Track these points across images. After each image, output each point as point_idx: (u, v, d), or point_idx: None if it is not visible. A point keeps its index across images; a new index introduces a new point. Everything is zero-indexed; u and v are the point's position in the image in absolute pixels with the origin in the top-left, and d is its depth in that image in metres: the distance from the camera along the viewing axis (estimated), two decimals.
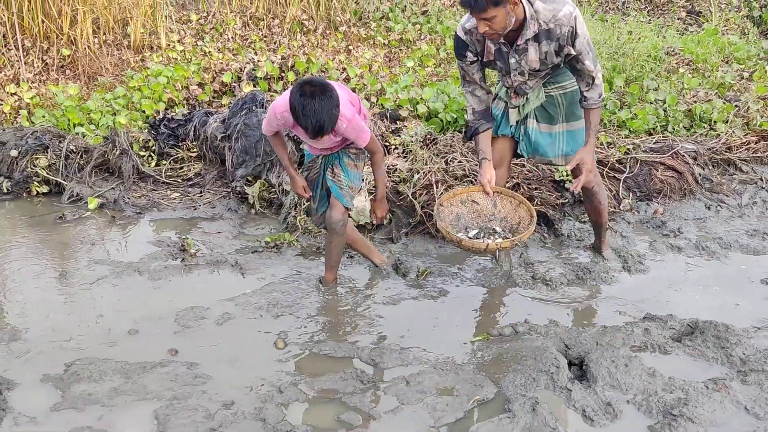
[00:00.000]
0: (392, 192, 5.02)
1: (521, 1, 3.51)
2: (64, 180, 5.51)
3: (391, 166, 5.30)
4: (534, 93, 3.95)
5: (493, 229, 4.00)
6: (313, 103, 3.36)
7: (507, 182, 4.42)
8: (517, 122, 4.07)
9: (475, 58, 3.83)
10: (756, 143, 6.01)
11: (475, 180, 4.43)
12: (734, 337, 3.59)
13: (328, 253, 4.16)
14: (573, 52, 3.66)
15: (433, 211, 4.80)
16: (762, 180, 5.74)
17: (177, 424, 3.04)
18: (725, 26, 8.76)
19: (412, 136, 5.73)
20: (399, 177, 5.15)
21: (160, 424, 3.05)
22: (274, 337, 3.72)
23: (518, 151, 4.19)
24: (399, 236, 4.83)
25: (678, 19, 9.39)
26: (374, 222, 4.24)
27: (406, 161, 5.37)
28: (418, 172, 5.08)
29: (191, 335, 3.72)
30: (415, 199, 4.90)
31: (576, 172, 4.00)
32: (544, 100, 3.99)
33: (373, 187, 5.00)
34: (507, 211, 4.01)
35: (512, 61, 3.74)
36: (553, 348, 3.54)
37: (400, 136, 5.75)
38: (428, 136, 5.77)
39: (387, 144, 5.68)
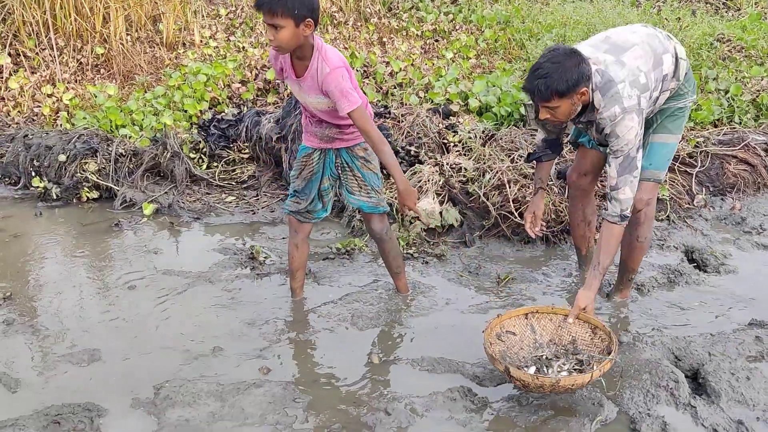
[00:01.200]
0: (462, 193, 4.82)
1: (590, 91, 3.20)
2: (115, 185, 5.32)
3: (454, 165, 5.10)
4: None
5: (546, 358, 3.26)
6: None
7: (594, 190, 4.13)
8: None
9: None
10: None
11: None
12: None
13: (387, 263, 3.94)
14: (611, 139, 3.28)
15: (508, 213, 4.63)
16: None
17: None
18: (755, 10, 8.52)
19: (470, 132, 5.53)
20: (466, 177, 4.94)
21: None
22: (366, 351, 3.54)
23: None
24: (473, 239, 4.63)
25: (707, 3, 9.17)
26: (404, 213, 3.62)
27: (469, 159, 5.17)
28: (488, 171, 4.87)
29: (279, 351, 3.54)
30: (488, 200, 4.70)
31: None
32: None
33: (441, 187, 4.85)
34: (551, 333, 3.36)
35: (577, 127, 3.63)
36: (665, 360, 3.35)
37: (457, 132, 5.55)
38: (485, 132, 5.56)
39: (445, 141, 5.48)
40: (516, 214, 4.59)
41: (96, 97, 6.35)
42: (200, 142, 5.69)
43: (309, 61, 3.24)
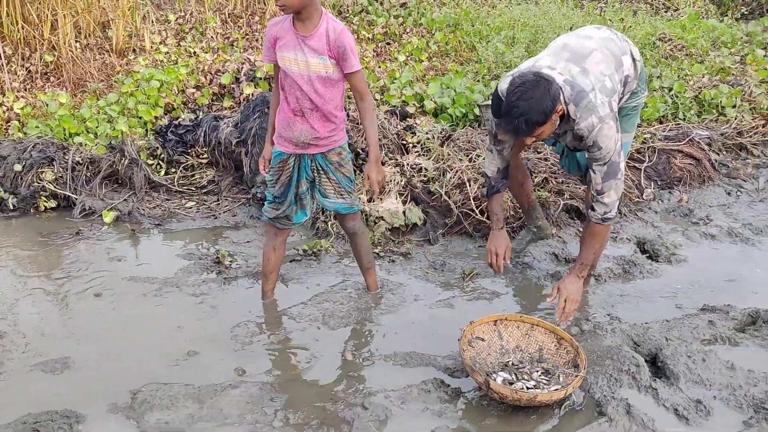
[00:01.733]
0: (424, 192, 4.93)
1: (564, 105, 3.30)
2: (73, 193, 5.26)
3: (414, 165, 5.22)
4: None
5: (514, 365, 3.36)
6: None
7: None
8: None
9: None
10: (764, 126, 6.10)
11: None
12: None
13: (359, 258, 4.03)
14: (593, 150, 3.39)
15: (467, 211, 4.75)
16: None
17: None
18: (693, 10, 8.88)
19: (428, 133, 5.65)
20: (427, 176, 5.06)
21: None
22: (339, 348, 3.60)
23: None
24: (436, 237, 4.74)
25: (647, 3, 9.51)
26: (367, 188, 3.59)
27: (429, 159, 5.28)
28: (448, 171, 4.99)
29: (253, 353, 3.58)
30: (449, 199, 4.82)
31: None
32: None
33: (404, 187, 4.95)
34: (517, 339, 3.47)
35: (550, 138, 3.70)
36: (625, 346, 3.51)
37: (415, 133, 5.66)
38: (443, 132, 5.69)
39: (404, 142, 5.59)
40: (477, 212, 4.71)
41: (48, 105, 6.25)
42: (158, 148, 5.67)
43: (316, 21, 3.34)
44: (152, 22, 8.06)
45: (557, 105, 3.21)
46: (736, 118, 6.06)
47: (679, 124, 5.96)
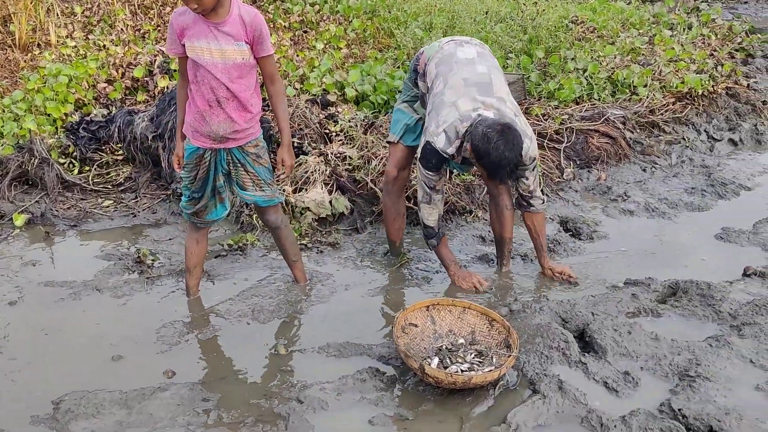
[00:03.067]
0: (349, 181, 4.90)
1: None
2: None
3: (338, 154, 5.17)
4: None
5: (447, 349, 3.35)
6: None
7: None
8: None
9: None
10: (673, 104, 6.31)
11: None
12: (718, 293, 3.76)
13: (284, 252, 3.96)
14: (519, 172, 3.76)
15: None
16: (685, 139, 6.05)
17: None
18: None
19: (350, 121, 5.60)
20: (352, 165, 5.02)
21: None
22: (270, 343, 3.54)
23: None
24: (364, 225, 4.72)
25: None
26: (280, 172, 3.70)
27: (353, 148, 5.24)
28: (373, 158, 4.96)
29: (181, 353, 3.47)
30: (375, 186, 4.79)
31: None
32: None
33: (329, 176, 4.90)
34: (450, 323, 3.50)
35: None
36: (554, 323, 3.57)
37: (337, 122, 5.60)
38: (365, 120, 5.66)
39: (327, 131, 5.52)
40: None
41: None
42: (69, 146, 5.43)
43: (227, 7, 3.27)
44: (57, 14, 7.72)
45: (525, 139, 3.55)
46: (648, 97, 6.24)
47: (594, 104, 6.10)
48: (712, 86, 6.57)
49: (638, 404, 3.02)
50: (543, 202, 3.94)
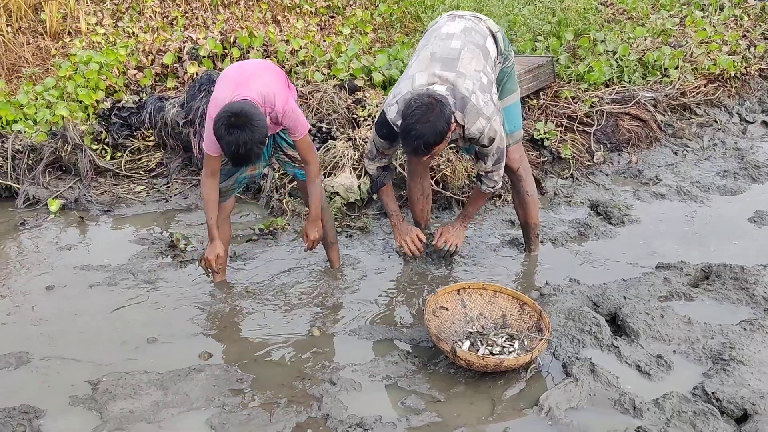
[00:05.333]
0: None
1: (454, 120, 3.40)
2: (15, 183, 5.08)
3: (366, 139, 5.17)
4: None
5: (478, 332, 3.37)
6: (238, 135, 3.10)
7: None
8: None
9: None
10: (705, 86, 6.22)
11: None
12: (752, 277, 3.72)
13: (323, 233, 3.99)
14: (478, 148, 3.61)
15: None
16: (717, 122, 5.97)
17: None
18: None
19: (378, 106, 5.60)
20: None
21: None
22: (303, 325, 3.57)
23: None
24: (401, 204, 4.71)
25: None
26: (306, 245, 3.82)
27: None
28: None
29: (214, 335, 3.52)
30: (403, 170, 4.79)
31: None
32: None
33: (357, 161, 4.91)
34: (481, 306, 3.49)
35: None
36: (585, 307, 3.55)
37: (365, 107, 5.61)
38: None
39: (355, 116, 5.53)
40: (432, 183, 4.70)
41: None
42: (102, 132, 5.51)
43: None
44: (87, 2, 7.80)
45: (450, 126, 3.34)
46: (679, 79, 6.16)
47: (624, 87, 6.03)
48: (745, 68, 6.47)
49: (671, 387, 3.01)
50: (493, 188, 3.76)
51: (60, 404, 3.04)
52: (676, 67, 6.25)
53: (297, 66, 6.42)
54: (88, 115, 5.84)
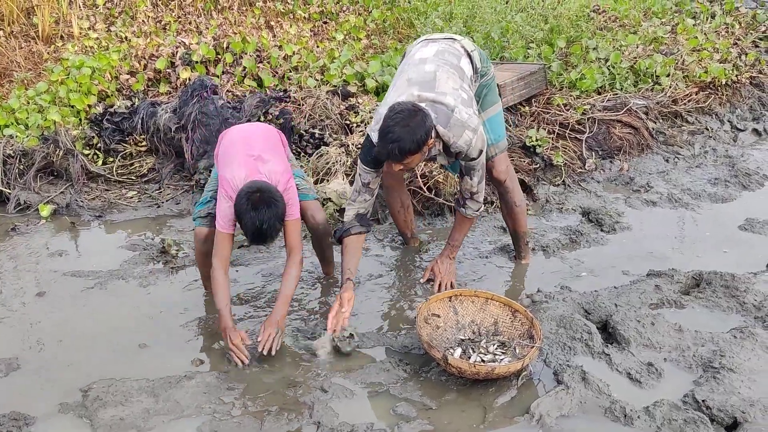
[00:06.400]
0: None
1: (434, 135, 3.37)
2: (6, 188, 5.07)
3: (359, 145, 5.17)
4: None
5: (470, 340, 3.38)
6: (264, 211, 3.16)
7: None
8: None
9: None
10: (696, 94, 6.26)
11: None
12: (742, 285, 3.74)
13: (322, 253, 4.00)
14: (465, 162, 3.59)
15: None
16: (708, 129, 6.00)
17: None
18: None
19: (371, 112, 5.60)
20: None
21: None
22: (294, 333, 3.55)
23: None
24: (385, 215, 4.73)
25: None
26: (259, 348, 3.28)
27: None
28: None
29: (205, 342, 3.51)
30: None
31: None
32: None
33: (350, 167, 4.91)
34: (473, 314, 3.49)
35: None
36: (576, 314, 3.56)
37: (358, 113, 5.61)
38: None
39: (348, 122, 5.54)
40: (425, 189, 4.72)
41: None
42: (93, 137, 5.49)
43: None
44: (79, 6, 7.78)
45: (429, 138, 3.30)
46: (670, 87, 6.19)
47: (616, 94, 6.06)
48: (736, 76, 6.51)
49: (662, 395, 3.02)
50: (478, 210, 3.77)
51: (50, 411, 3.03)
52: (668, 75, 6.29)
53: (290, 72, 6.42)
54: (80, 120, 5.83)
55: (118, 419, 2.97)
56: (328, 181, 4.85)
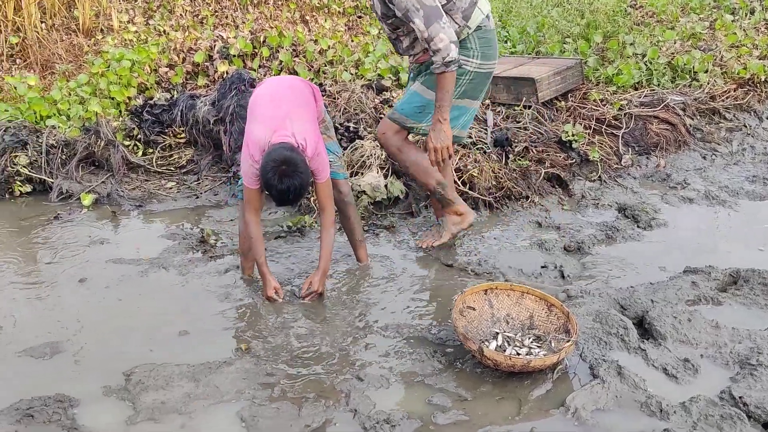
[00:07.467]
0: None
1: None
2: (49, 177, 5.18)
3: None
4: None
5: (504, 333, 3.39)
6: (289, 183, 3.27)
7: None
8: None
9: None
10: (735, 91, 6.19)
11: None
12: None
13: (350, 230, 4.05)
14: (391, 8, 3.50)
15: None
16: (746, 126, 5.93)
17: (267, 426, 2.91)
18: None
19: None
20: None
21: (248, 426, 2.91)
22: (331, 321, 3.61)
23: None
24: (419, 209, 4.76)
25: None
26: (302, 297, 3.72)
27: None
28: None
29: (244, 329, 3.57)
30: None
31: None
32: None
33: (384, 160, 4.94)
34: (508, 307, 3.51)
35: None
36: (612, 310, 3.56)
37: (392, 106, 5.63)
38: None
39: (382, 116, 5.56)
40: (458, 183, 4.73)
41: (16, 88, 6.12)
42: (134, 128, 5.59)
43: None
44: (119, 0, 7.91)
45: None
46: (708, 83, 6.13)
47: (654, 90, 6.02)
48: None
49: (698, 391, 3.01)
50: (444, 58, 3.48)
51: (94, 394, 3.11)
52: (706, 71, 6.22)
53: (325, 66, 6.48)
54: (120, 111, 5.95)
55: (159, 403, 3.04)
56: (362, 174, 4.89)
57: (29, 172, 5.16)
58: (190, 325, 3.59)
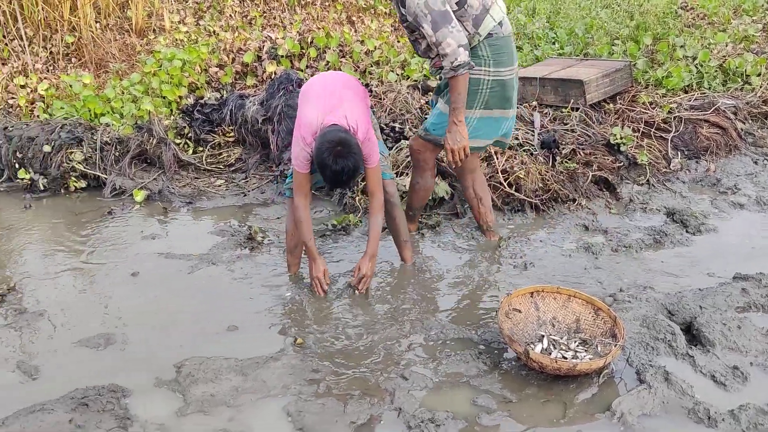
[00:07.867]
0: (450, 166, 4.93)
1: None
2: (103, 173, 5.32)
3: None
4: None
5: (550, 336, 3.39)
6: (344, 164, 3.32)
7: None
8: None
9: None
10: None
11: None
12: None
13: (395, 230, 4.08)
14: (404, 13, 3.53)
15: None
16: None
17: (313, 421, 2.96)
18: None
19: None
20: None
21: (294, 421, 2.96)
22: (376, 320, 3.65)
23: None
24: (464, 210, 4.77)
25: None
26: (354, 286, 3.82)
27: None
28: None
29: (290, 325, 3.63)
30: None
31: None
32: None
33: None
34: (554, 310, 3.49)
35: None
36: (660, 315, 3.53)
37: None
38: None
39: (426, 117, 5.58)
40: (505, 184, 4.73)
41: (71, 86, 6.29)
42: (185, 127, 5.71)
43: None
44: (171, 1, 8.07)
45: None
46: (761, 87, 6.01)
47: (704, 93, 5.92)
48: None
49: (747, 399, 2.97)
50: (453, 63, 3.51)
51: (145, 385, 3.20)
52: (759, 75, 6.11)
53: (371, 66, 6.52)
54: (171, 110, 6.07)
55: (209, 395, 3.11)
56: (407, 174, 4.91)
57: (84, 168, 5.31)
58: (238, 320, 3.66)
